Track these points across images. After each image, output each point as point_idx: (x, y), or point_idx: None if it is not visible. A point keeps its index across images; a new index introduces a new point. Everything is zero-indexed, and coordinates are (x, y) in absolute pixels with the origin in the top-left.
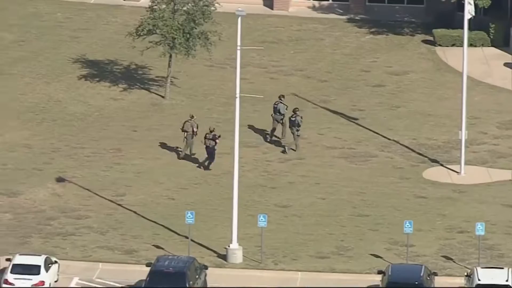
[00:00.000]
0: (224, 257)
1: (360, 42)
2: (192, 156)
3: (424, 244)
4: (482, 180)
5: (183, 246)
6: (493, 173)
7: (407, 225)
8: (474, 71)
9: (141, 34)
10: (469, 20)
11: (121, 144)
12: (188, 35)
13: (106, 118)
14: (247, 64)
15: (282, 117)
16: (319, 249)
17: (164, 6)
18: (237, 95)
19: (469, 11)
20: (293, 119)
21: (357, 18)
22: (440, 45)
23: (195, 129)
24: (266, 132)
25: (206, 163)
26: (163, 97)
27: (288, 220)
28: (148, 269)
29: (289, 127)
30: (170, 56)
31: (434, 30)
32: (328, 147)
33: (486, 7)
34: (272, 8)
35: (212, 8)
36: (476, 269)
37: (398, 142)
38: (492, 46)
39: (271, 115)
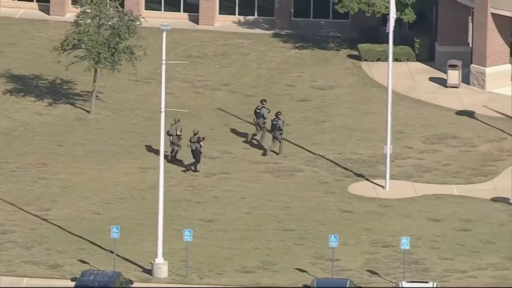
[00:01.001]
0: (149, 271)
1: (285, 56)
2: (177, 159)
3: (350, 258)
4: (407, 194)
5: (109, 260)
6: (418, 187)
7: (332, 240)
8: (399, 86)
9: (66, 48)
10: (394, 35)
11: (46, 159)
12: (113, 50)
13: (31, 132)
14: (172, 78)
15: (265, 121)
16: (244, 264)
17: (89, 20)
18: (162, 110)
19: (389, 26)
20: (275, 122)
21: (282, 33)
22: (365, 59)
23: (179, 133)
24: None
25: (193, 167)
26: (88, 111)
27: (213, 234)
28: (73, 284)
29: (271, 130)
30: (96, 71)
31: (359, 45)
32: (254, 161)
33: (411, 22)
34: (197, 23)
35: (137, 22)
36: (401, 283)
37: (323, 157)
38: (417, 60)
39: (254, 120)
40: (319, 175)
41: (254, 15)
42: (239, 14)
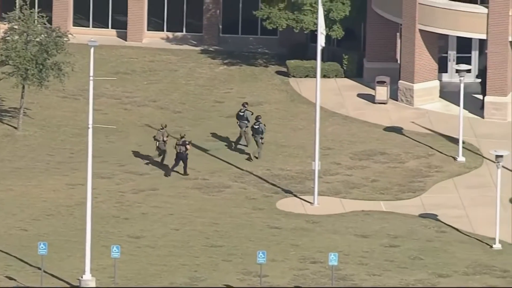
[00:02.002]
0: None
1: (214, 73)
2: (163, 163)
3: (278, 274)
4: (336, 210)
5: (36, 277)
6: (346, 203)
7: (261, 256)
8: (328, 102)
9: None
10: (323, 51)
11: None
12: (41, 66)
13: None
14: (100, 95)
15: (248, 124)
16: (172, 280)
17: (17, 37)
18: (90, 126)
19: (320, 43)
20: (257, 127)
21: (210, 49)
22: (293, 76)
23: (165, 138)
24: (120, 163)
25: (182, 171)
26: (15, 128)
27: (141, 251)
28: None
29: (252, 135)
30: (23, 87)
31: (287, 61)
32: (182, 178)
33: (339, 38)
34: (125, 40)
35: (65, 39)
36: None
37: (251, 173)
38: (345, 77)
39: (237, 123)
40: (247, 191)
41: (182, 32)
42: (167, 31)
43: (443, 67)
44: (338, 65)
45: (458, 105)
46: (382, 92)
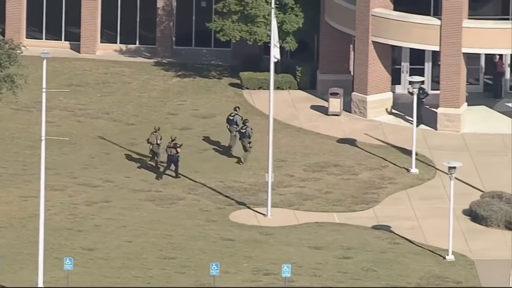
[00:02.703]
0: None
1: (167, 85)
2: (157, 166)
3: (231, 286)
4: (289, 222)
5: None
6: (299, 215)
7: (214, 267)
8: (281, 114)
9: None
10: (276, 63)
11: None
12: None
13: None
14: (53, 107)
15: (238, 128)
16: None
17: None
18: (43, 138)
19: (274, 55)
20: (243, 131)
21: (164, 61)
22: (247, 88)
23: (159, 141)
24: (73, 175)
25: (174, 174)
26: None
27: (94, 263)
28: None
29: (240, 139)
30: None
31: (241, 73)
32: (135, 190)
33: (293, 50)
34: (79, 52)
35: (18, 51)
36: None
37: (205, 185)
38: (299, 89)
39: (227, 127)
40: (200, 203)
41: (135, 44)
42: (120, 43)
43: (396, 79)
44: (292, 77)
45: (411, 117)
46: (335, 104)
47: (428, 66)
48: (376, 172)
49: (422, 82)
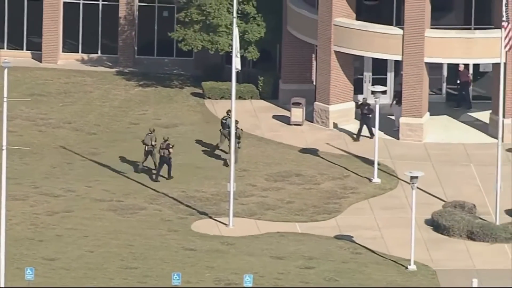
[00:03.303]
0: None
1: (129, 94)
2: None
3: None
4: (251, 232)
5: None
6: (261, 225)
7: (175, 278)
8: (243, 124)
9: None
10: (238, 72)
11: None
12: None
13: None
14: (15, 116)
15: (230, 131)
16: None
17: None
18: (4, 148)
19: (236, 65)
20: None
21: (126, 70)
22: (209, 97)
23: (153, 143)
24: (34, 185)
25: (167, 175)
26: None
27: (55, 273)
28: None
29: (229, 139)
30: None
31: (203, 83)
32: (97, 199)
33: (255, 59)
34: (40, 61)
35: None
36: None
37: (167, 195)
38: (261, 98)
39: (220, 130)
40: (162, 213)
41: (97, 53)
42: (82, 52)
43: (358, 89)
44: (254, 86)
45: (374, 127)
46: (297, 114)
47: (390, 76)
48: (338, 182)
49: (366, 99)
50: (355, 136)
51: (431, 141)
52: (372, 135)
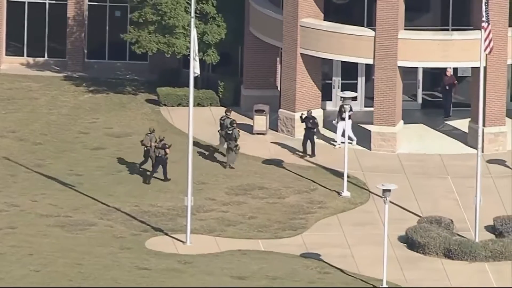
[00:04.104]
0: None
1: (78, 101)
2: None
3: None
4: (210, 250)
5: None
6: (221, 242)
7: None
8: (202, 133)
9: None
10: (196, 77)
11: None
12: None
13: None
14: None
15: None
16: None
17: None
18: None
19: (194, 69)
20: (230, 132)
21: (75, 75)
22: (165, 104)
23: (153, 144)
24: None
25: (163, 176)
26: None
27: None
28: None
29: (226, 141)
30: None
31: (158, 89)
32: (43, 215)
33: (214, 63)
34: None
35: None
36: None
37: (119, 210)
38: (221, 105)
39: (218, 131)
40: (114, 230)
41: (44, 57)
42: (27, 56)
43: (327, 95)
44: (213, 92)
45: (343, 136)
46: (260, 122)
47: (361, 81)
48: (304, 195)
49: (310, 112)
50: (301, 153)
51: (405, 151)
52: (313, 153)
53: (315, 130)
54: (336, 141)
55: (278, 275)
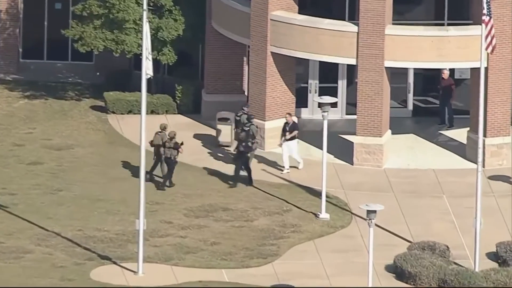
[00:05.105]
0: None
1: (11, 108)
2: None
3: None
4: (166, 281)
5: None
6: (179, 272)
7: None
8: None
9: None
10: (149, 80)
11: None
12: None
13: None
14: None
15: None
16: None
17: None
18: None
19: (146, 70)
20: (247, 129)
21: (8, 78)
22: (113, 112)
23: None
24: None
25: (167, 182)
26: None
27: None
28: None
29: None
30: None
31: (105, 94)
32: None
33: (171, 63)
34: None
35: None
36: None
37: (59, 234)
38: (179, 113)
39: (233, 129)
40: (53, 258)
41: None
42: None
43: (302, 101)
44: (170, 98)
45: (321, 149)
46: (225, 132)
47: (342, 85)
48: (276, 217)
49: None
50: (231, 182)
51: (394, 166)
52: (249, 182)
53: (248, 154)
54: (283, 166)
55: None
